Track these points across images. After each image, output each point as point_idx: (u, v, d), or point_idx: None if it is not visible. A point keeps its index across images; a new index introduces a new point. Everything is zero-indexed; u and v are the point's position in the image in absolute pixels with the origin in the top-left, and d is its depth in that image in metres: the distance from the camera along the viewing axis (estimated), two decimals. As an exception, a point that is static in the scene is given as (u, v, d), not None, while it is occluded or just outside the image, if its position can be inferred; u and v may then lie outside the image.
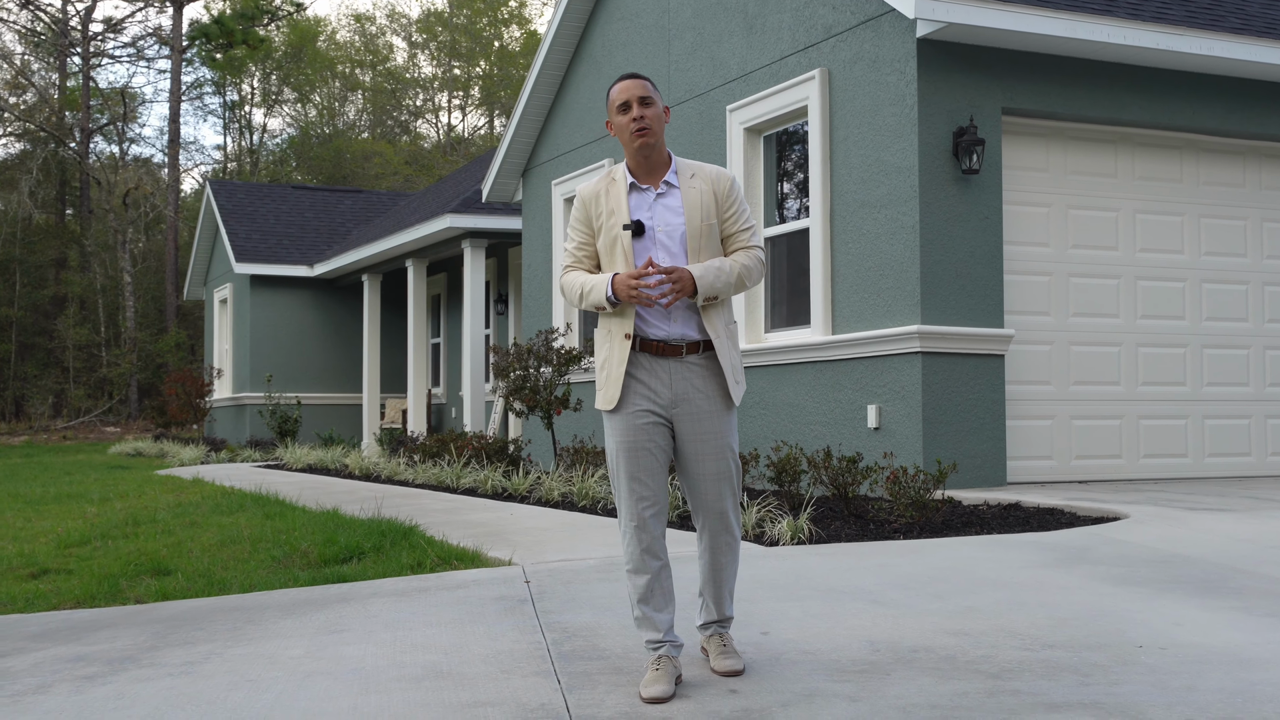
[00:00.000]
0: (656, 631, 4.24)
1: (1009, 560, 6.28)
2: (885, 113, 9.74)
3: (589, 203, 4.32)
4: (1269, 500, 8.56)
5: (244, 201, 26.93)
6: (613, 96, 4.29)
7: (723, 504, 4.31)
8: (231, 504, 10.38)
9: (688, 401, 4.23)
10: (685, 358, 4.23)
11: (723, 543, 4.35)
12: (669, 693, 4.05)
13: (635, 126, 4.21)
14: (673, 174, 4.30)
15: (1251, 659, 4.37)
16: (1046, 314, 10.14)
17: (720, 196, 4.27)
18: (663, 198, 4.27)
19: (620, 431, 4.24)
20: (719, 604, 4.41)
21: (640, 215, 4.24)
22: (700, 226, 4.22)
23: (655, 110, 4.25)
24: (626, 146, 4.28)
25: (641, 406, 4.22)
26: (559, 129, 15.09)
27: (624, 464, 4.24)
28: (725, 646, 4.35)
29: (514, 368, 12.26)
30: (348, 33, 55.90)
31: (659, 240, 4.22)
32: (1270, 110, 10.78)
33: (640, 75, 4.31)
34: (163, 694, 4.44)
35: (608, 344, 4.28)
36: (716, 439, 4.26)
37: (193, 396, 24.53)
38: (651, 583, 4.25)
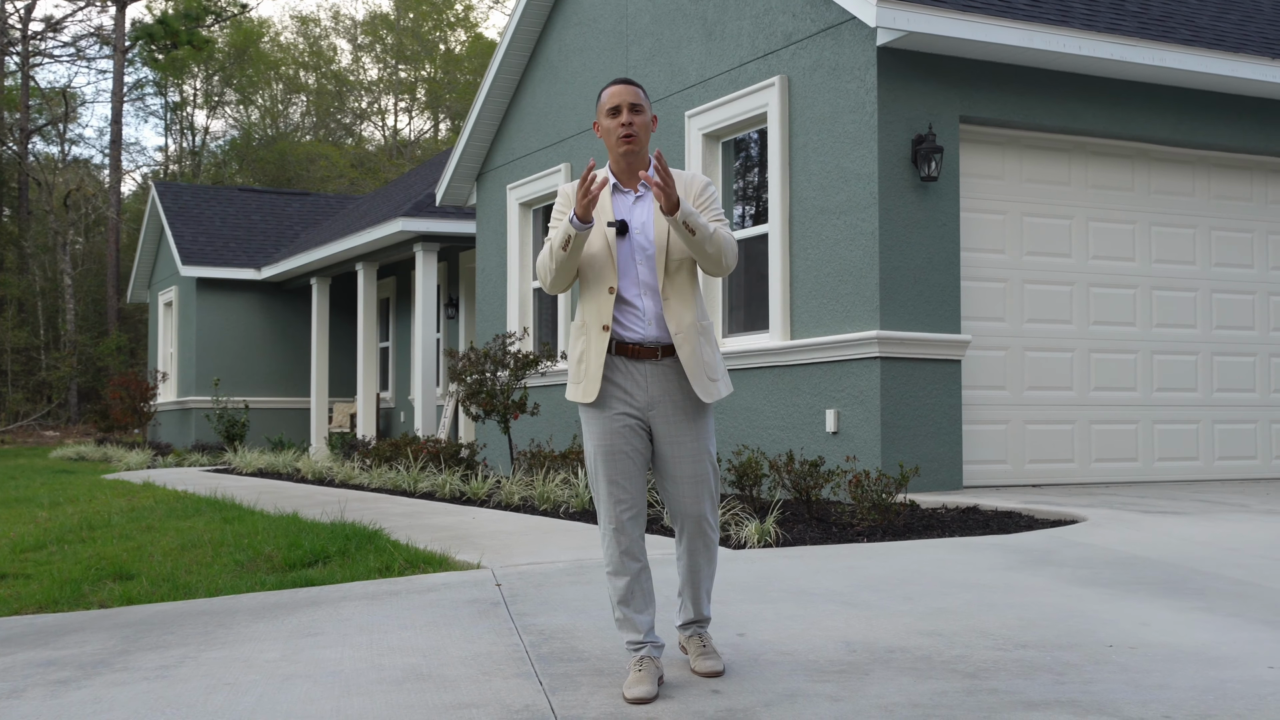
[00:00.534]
0: (637, 633, 4.27)
1: (975, 562, 6.36)
2: (845, 120, 9.84)
3: (571, 195, 4.33)
4: (1220, 503, 8.72)
5: (190, 204, 26.68)
6: (604, 99, 4.31)
7: (700, 508, 4.34)
8: (187, 508, 10.29)
9: (663, 404, 4.27)
10: (661, 360, 4.26)
11: (700, 545, 4.39)
12: (652, 693, 4.08)
13: (623, 132, 4.25)
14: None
15: (1220, 657, 4.46)
16: (1002, 320, 10.27)
17: (692, 191, 4.30)
18: (641, 200, 4.32)
19: (598, 435, 4.28)
20: (697, 604, 4.46)
21: (622, 215, 4.30)
22: (669, 226, 4.25)
23: (643, 118, 4.29)
24: (611, 150, 4.32)
25: (619, 410, 4.26)
26: (514, 133, 15.09)
27: (602, 468, 4.27)
28: (705, 647, 4.40)
29: (470, 372, 12.24)
30: (291, 34, 55.56)
31: (635, 240, 4.27)
32: (1219, 120, 10.99)
33: (633, 82, 4.35)
34: (140, 698, 4.41)
35: (584, 337, 4.30)
36: (693, 443, 4.30)
37: (137, 400, 24.26)
38: (631, 584, 4.29)
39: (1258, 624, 4.98)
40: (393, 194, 23.91)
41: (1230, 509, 8.36)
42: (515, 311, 14.76)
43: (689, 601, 4.46)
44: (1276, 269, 11.61)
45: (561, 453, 10.78)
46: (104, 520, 9.84)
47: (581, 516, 8.78)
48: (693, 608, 4.46)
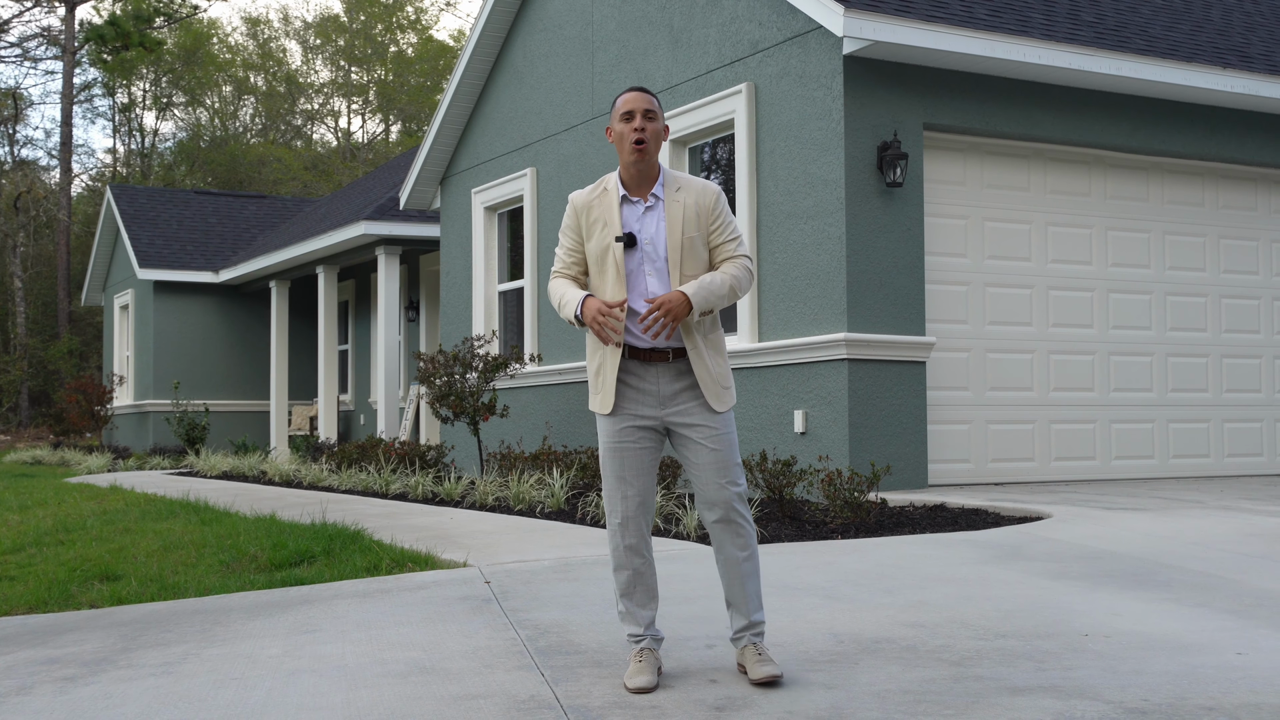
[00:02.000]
0: (638, 626, 4.41)
1: (949, 557, 6.57)
2: (812, 127, 10.04)
3: (580, 211, 4.43)
4: (1177, 500, 8.99)
5: (146, 206, 26.57)
6: (618, 105, 4.40)
7: (726, 493, 4.33)
8: (160, 510, 10.35)
9: (679, 399, 4.34)
10: (674, 361, 4.35)
11: (732, 536, 4.36)
12: (653, 683, 4.24)
13: (635, 137, 4.33)
14: (660, 187, 4.40)
15: (1190, 644, 4.68)
16: (964, 322, 10.52)
17: (704, 210, 4.38)
18: (651, 210, 4.38)
19: (610, 434, 4.38)
20: (744, 606, 4.38)
21: (630, 227, 4.37)
22: (682, 240, 4.33)
23: (656, 126, 4.38)
24: (622, 156, 4.39)
25: (632, 410, 4.35)
26: (479, 138, 15.21)
27: (610, 464, 4.39)
28: (761, 655, 4.29)
29: (439, 374, 12.36)
30: (241, 36, 55.28)
31: (644, 253, 4.35)
32: (1173, 128, 11.29)
33: (648, 90, 4.46)
34: (150, 693, 4.52)
35: (600, 351, 4.39)
36: (712, 429, 4.33)
37: (93, 404, 24.14)
38: (633, 579, 4.41)
39: (1224, 613, 5.21)
40: (351, 197, 23.93)
41: (1188, 505, 8.63)
42: (481, 314, 14.88)
43: (734, 606, 4.40)
44: (1228, 272, 11.93)
45: (533, 454, 10.92)
46: (78, 523, 9.89)
47: (558, 516, 8.93)
48: (739, 611, 4.38)
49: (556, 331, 13.52)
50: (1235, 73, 11.04)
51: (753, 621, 4.37)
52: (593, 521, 8.52)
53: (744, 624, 4.38)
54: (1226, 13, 12.87)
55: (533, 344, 13.87)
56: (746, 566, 4.39)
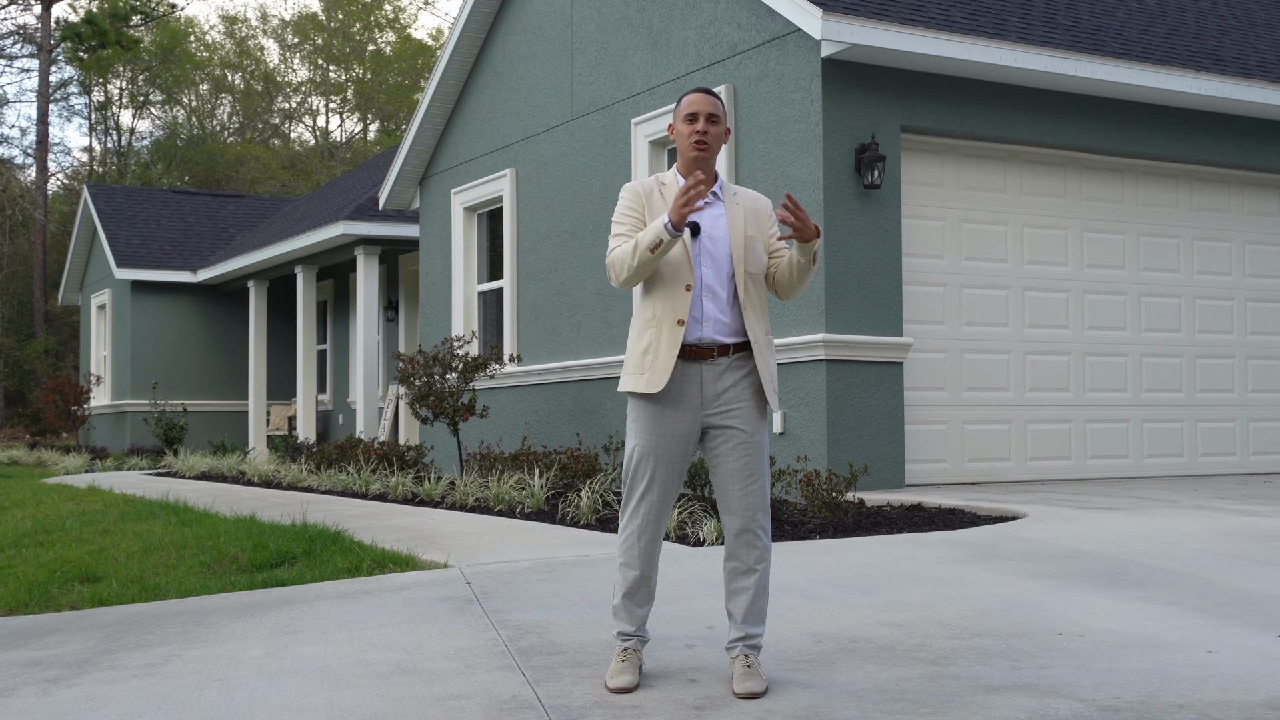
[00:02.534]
0: (630, 625, 4.41)
1: (925, 557, 6.64)
2: (791, 129, 10.11)
3: (641, 195, 4.45)
4: (1151, 499, 9.08)
5: (123, 206, 26.49)
6: (683, 105, 4.45)
7: (752, 501, 4.32)
8: (139, 511, 10.34)
9: (723, 398, 4.32)
10: (716, 360, 4.32)
11: (747, 546, 4.35)
12: (634, 683, 4.28)
13: (696, 139, 4.38)
14: (719, 188, 4.46)
15: (1162, 643, 4.76)
16: (941, 323, 10.60)
17: (763, 216, 4.46)
18: (709, 207, 4.41)
19: (645, 432, 4.33)
20: (747, 619, 4.35)
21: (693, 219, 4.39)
22: (744, 239, 4.38)
23: (718, 129, 4.42)
24: (683, 154, 4.44)
25: (674, 409, 4.32)
26: (459, 138, 15.23)
27: (643, 463, 4.34)
28: (750, 668, 4.26)
29: (418, 375, 12.38)
30: (219, 35, 55.10)
31: (703, 245, 4.37)
32: (1148, 130, 11.40)
33: (712, 92, 4.48)
34: (133, 694, 4.54)
35: (654, 329, 4.33)
36: (745, 436, 4.31)
37: (70, 404, 24.08)
38: (639, 580, 4.38)
39: (1195, 611, 5.29)
40: (330, 196, 23.92)
41: (1161, 504, 8.72)
42: (460, 315, 14.90)
43: (734, 615, 4.37)
44: (1201, 273, 12.05)
45: (512, 454, 10.96)
46: (57, 524, 9.88)
47: (538, 517, 8.97)
48: (739, 622, 4.36)
49: (536, 332, 13.56)
50: (1209, 76, 11.15)
51: (750, 634, 4.34)
52: (573, 522, 8.57)
53: (740, 635, 4.35)
54: (1200, 16, 12.99)
55: (512, 344, 13.90)
56: (758, 581, 4.35)
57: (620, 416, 11.92)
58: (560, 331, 13.11)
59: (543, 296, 13.46)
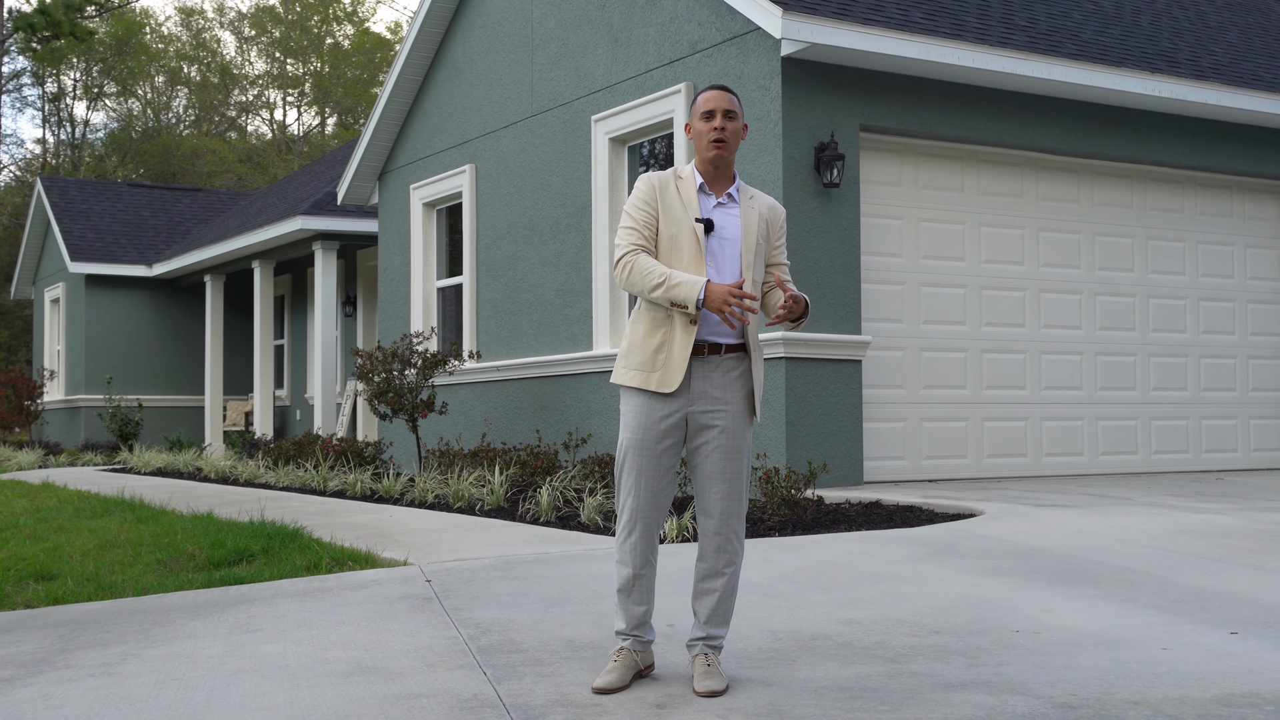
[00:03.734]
0: (624, 622, 4.37)
1: (884, 555, 6.69)
2: (750, 127, 10.13)
3: (657, 187, 4.39)
4: (1106, 497, 9.18)
5: (77, 199, 26.23)
6: (699, 103, 4.41)
7: (729, 504, 4.33)
8: (95, 508, 10.26)
9: (704, 399, 4.30)
10: (707, 357, 4.31)
11: (718, 549, 4.35)
12: (616, 684, 4.22)
13: (714, 136, 4.34)
14: (735, 190, 4.43)
15: (1118, 640, 4.81)
16: (900, 321, 10.66)
17: (773, 225, 4.46)
18: (723, 207, 4.39)
19: (641, 428, 4.30)
20: (709, 619, 4.38)
21: (706, 215, 4.36)
22: (755, 245, 4.36)
23: (735, 126, 4.39)
24: (700, 151, 4.40)
25: (666, 406, 4.30)
26: (418, 133, 15.18)
27: (634, 457, 4.31)
28: (710, 666, 4.28)
29: (377, 371, 12.34)
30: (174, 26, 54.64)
31: (712, 247, 4.33)
32: (1103, 131, 11.51)
33: (729, 89, 4.44)
34: (90, 694, 4.51)
35: (666, 327, 4.30)
36: (729, 438, 4.31)
37: (23, 399, 23.80)
38: (634, 578, 4.34)
39: (1149, 609, 5.36)
40: (288, 191, 23.77)
41: (1116, 502, 8.82)
42: (419, 311, 14.85)
43: (699, 615, 4.39)
44: (1156, 273, 12.17)
45: (472, 451, 10.94)
46: (11, 521, 9.79)
47: (498, 514, 8.96)
48: (703, 622, 4.38)
49: (495, 329, 13.54)
50: (1163, 77, 11.27)
51: (712, 635, 4.36)
52: (533, 519, 8.57)
53: (703, 635, 4.37)
54: (1155, 18, 13.12)
55: (471, 341, 13.88)
56: (726, 584, 4.36)
57: (580, 413, 11.92)
58: (520, 328, 13.10)
59: (502, 293, 13.44)
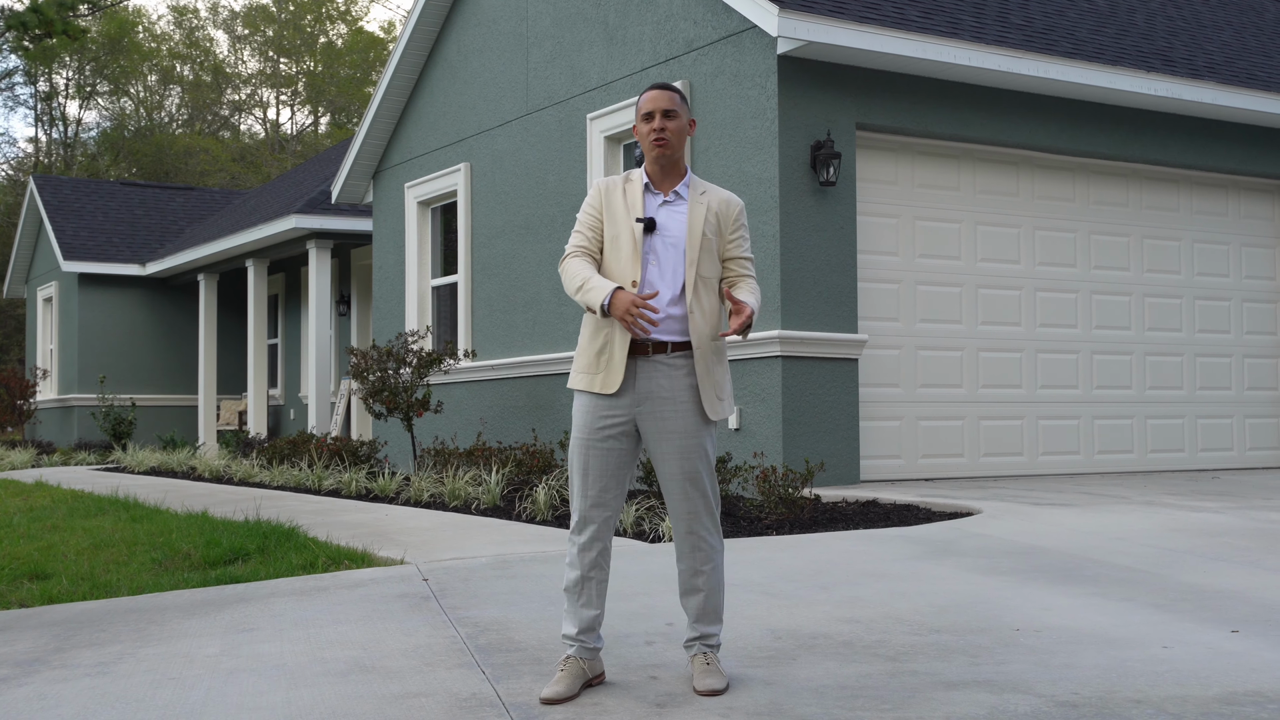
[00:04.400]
0: (573, 627, 4.29)
1: (882, 553, 6.67)
2: (746, 125, 10.12)
3: (604, 192, 4.39)
4: (1102, 495, 9.17)
5: (70, 198, 26.16)
6: (640, 104, 4.38)
7: (691, 505, 4.27)
8: (89, 507, 10.22)
9: (651, 400, 4.24)
10: (652, 356, 4.25)
11: (692, 550, 4.30)
12: (564, 693, 4.13)
13: (654, 136, 4.32)
14: (684, 186, 4.38)
15: (1118, 638, 4.80)
16: (896, 320, 10.65)
17: (725, 219, 4.36)
18: (670, 205, 4.34)
19: (586, 427, 4.27)
20: (698, 618, 4.34)
21: (650, 214, 4.33)
22: (700, 240, 4.28)
23: (678, 123, 4.34)
24: (645, 154, 4.38)
25: (611, 406, 4.26)
26: (413, 132, 15.15)
27: (579, 458, 4.29)
28: (709, 665, 4.25)
29: (372, 370, 12.31)
30: (167, 25, 54.52)
31: (656, 246, 4.30)
32: (1099, 129, 11.50)
33: (670, 87, 4.39)
34: (85, 693, 4.49)
35: (607, 329, 4.26)
36: (681, 438, 4.24)
37: (15, 398, 23.71)
38: (581, 580, 4.29)
39: (1148, 607, 5.34)
40: (281, 190, 23.72)
41: (1113, 500, 8.81)
42: (414, 310, 14.82)
43: (690, 615, 4.35)
44: (1151, 271, 12.17)
45: (467, 450, 10.91)
46: (4, 520, 9.74)
47: (494, 513, 8.94)
48: (694, 621, 4.34)
49: (490, 327, 13.51)
50: (1159, 76, 11.27)
51: (706, 633, 4.33)
52: (529, 518, 8.55)
53: (697, 635, 4.33)
54: (1150, 17, 13.12)
55: (467, 340, 13.85)
56: (708, 582, 4.31)
57: (575, 412, 11.88)
58: (515, 327, 13.07)
59: (498, 291, 13.41)
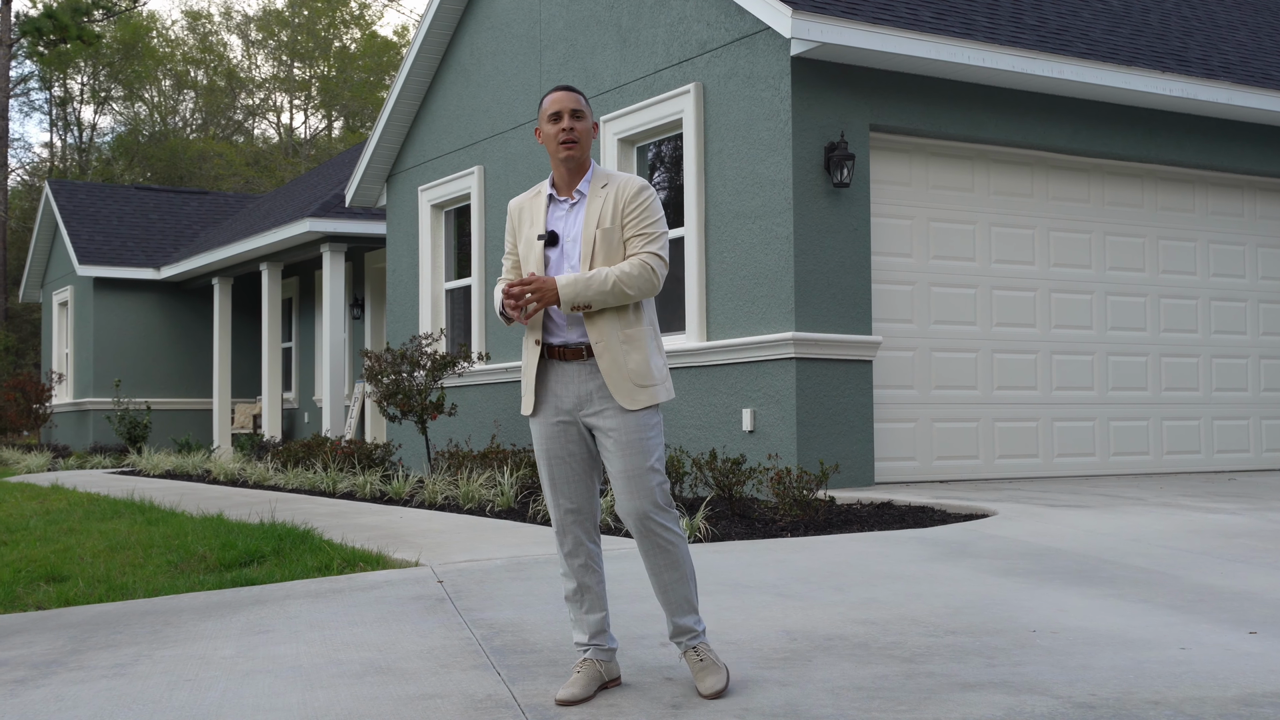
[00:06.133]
0: (583, 634, 4.31)
1: (897, 555, 6.66)
2: (760, 127, 10.11)
3: (514, 215, 4.38)
4: (1119, 497, 9.14)
5: (85, 202, 26.25)
6: (545, 105, 4.31)
7: (635, 504, 4.18)
8: (104, 510, 10.25)
9: (591, 402, 4.21)
10: (588, 360, 4.21)
11: (649, 546, 4.23)
12: (579, 695, 4.13)
13: (563, 137, 4.24)
14: (585, 183, 4.30)
15: (1135, 640, 4.78)
16: (910, 321, 10.63)
17: (620, 202, 4.24)
18: (575, 207, 4.28)
19: (539, 439, 4.31)
20: (670, 612, 4.28)
21: (555, 226, 4.28)
22: (595, 234, 4.20)
23: (585, 125, 4.28)
24: (552, 156, 4.29)
25: (553, 415, 4.26)
26: (426, 135, 15.17)
27: (544, 471, 4.32)
28: (703, 660, 4.21)
29: (386, 373, 12.32)
30: (181, 29, 54.70)
31: (565, 250, 4.24)
32: (1113, 130, 11.47)
33: (575, 89, 4.35)
34: (103, 695, 4.50)
35: (526, 352, 4.33)
36: (621, 434, 4.17)
37: (31, 402, 23.80)
38: (579, 588, 4.30)
39: (1165, 609, 5.32)
40: (295, 194, 23.78)
41: (1129, 502, 8.78)
42: (428, 313, 14.84)
43: (664, 609, 4.31)
44: (1166, 273, 12.13)
45: (481, 452, 10.92)
46: (21, 523, 9.77)
47: (508, 515, 8.94)
48: (667, 617, 4.30)
49: (504, 330, 13.52)
50: (1174, 76, 11.23)
51: (682, 626, 4.26)
52: (544, 520, 8.54)
53: (673, 628, 4.28)
54: (1165, 17, 13.08)
55: (480, 342, 13.86)
56: (669, 575, 4.24)
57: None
58: (528, 329, 13.05)
59: (511, 294, 13.39)
